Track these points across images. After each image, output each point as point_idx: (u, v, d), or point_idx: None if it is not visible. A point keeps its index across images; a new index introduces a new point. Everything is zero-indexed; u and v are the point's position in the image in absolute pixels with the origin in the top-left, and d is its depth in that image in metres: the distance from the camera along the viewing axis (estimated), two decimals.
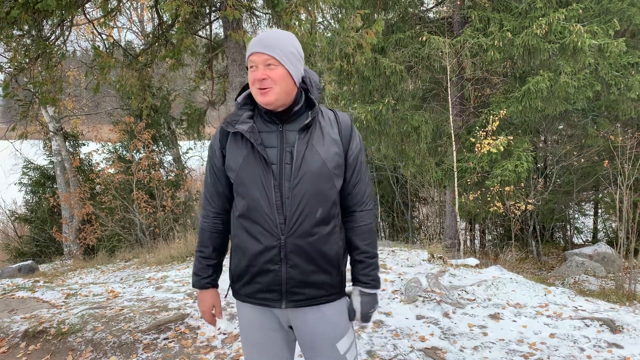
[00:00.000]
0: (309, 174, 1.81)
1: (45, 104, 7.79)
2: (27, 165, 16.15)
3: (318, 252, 1.86)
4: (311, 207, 1.82)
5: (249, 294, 1.94)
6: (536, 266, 11.92)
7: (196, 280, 2.07)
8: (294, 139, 1.83)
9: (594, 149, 11.96)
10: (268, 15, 8.12)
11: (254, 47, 1.80)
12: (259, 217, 1.83)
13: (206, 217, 2.01)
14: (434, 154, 11.97)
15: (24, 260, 12.79)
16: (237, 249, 1.92)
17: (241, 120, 1.85)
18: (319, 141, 1.85)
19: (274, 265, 1.85)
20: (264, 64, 1.78)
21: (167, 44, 8.03)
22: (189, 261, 8.34)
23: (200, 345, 3.84)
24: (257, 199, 1.82)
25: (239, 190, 1.87)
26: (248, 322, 2.00)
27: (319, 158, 1.83)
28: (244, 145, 1.85)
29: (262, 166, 1.81)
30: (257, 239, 1.85)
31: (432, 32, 11.27)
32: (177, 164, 15.22)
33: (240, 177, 1.84)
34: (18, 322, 4.41)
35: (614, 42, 9.38)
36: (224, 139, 1.91)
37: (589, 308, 4.53)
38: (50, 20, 7.06)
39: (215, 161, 1.94)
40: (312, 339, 1.96)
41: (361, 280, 1.98)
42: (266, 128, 1.85)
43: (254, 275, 1.89)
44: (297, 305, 1.91)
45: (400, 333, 3.95)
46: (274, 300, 1.90)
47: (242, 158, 1.84)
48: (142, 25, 17.96)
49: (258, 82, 1.78)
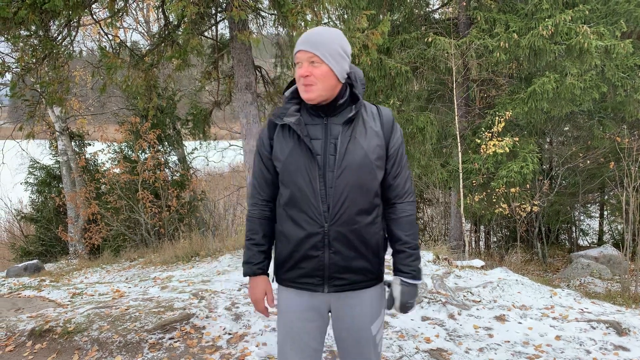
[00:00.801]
0: (351, 165, 1.90)
1: (52, 104, 7.83)
2: (33, 165, 16.21)
3: (359, 239, 1.95)
4: (353, 196, 1.91)
5: (292, 278, 2.01)
6: (541, 268, 11.88)
7: (248, 267, 2.10)
8: (338, 131, 1.92)
9: (600, 150, 11.92)
10: (274, 16, 8.13)
11: (300, 45, 1.89)
12: (303, 205, 1.92)
13: (255, 205, 2.09)
14: (439, 155, 11.95)
15: (30, 259, 12.85)
16: (281, 235, 2.01)
17: (289, 113, 1.95)
18: (362, 134, 1.93)
19: (317, 252, 1.94)
20: (308, 61, 1.87)
21: (173, 44, 8.05)
22: (194, 261, 8.36)
23: (206, 345, 3.84)
24: (302, 188, 1.91)
25: (284, 179, 1.96)
26: (287, 309, 2.06)
27: (362, 150, 1.91)
28: (290, 137, 1.93)
29: (307, 157, 1.90)
30: (301, 226, 1.94)
31: (437, 33, 11.26)
32: (182, 164, 15.23)
33: (286, 167, 1.93)
34: (24, 320, 4.43)
35: (621, 43, 9.35)
36: (272, 131, 1.99)
37: (595, 310, 4.52)
38: (57, 20, 7.10)
39: (264, 151, 2.02)
40: (349, 321, 2.04)
41: (402, 271, 2.04)
42: (312, 121, 1.94)
43: (297, 261, 1.98)
44: (338, 289, 1.99)
45: (405, 334, 3.95)
46: (316, 285, 1.99)
47: (289, 149, 1.92)
48: (148, 25, 18.01)
49: (302, 79, 1.88)
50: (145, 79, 8.22)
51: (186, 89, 17.23)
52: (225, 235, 11.91)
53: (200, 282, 5.63)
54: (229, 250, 8.40)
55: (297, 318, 2.04)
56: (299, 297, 2.03)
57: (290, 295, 2.04)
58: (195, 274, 6.51)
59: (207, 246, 9.10)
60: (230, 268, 6.76)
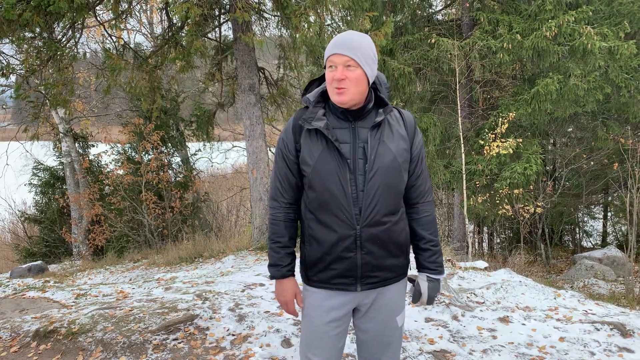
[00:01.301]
0: (382, 168, 1.95)
1: (56, 105, 7.86)
2: (37, 166, 16.26)
3: (389, 239, 2.01)
4: (384, 199, 1.97)
5: (324, 279, 2.05)
6: (545, 269, 11.86)
7: (276, 270, 2.10)
8: (366, 135, 1.95)
9: (604, 151, 11.90)
10: (277, 18, 8.15)
11: (335, 48, 1.90)
12: (334, 208, 1.95)
13: (279, 208, 2.10)
14: (442, 156, 11.95)
15: (34, 260, 12.89)
16: (311, 239, 2.03)
17: (317, 117, 1.95)
18: (389, 137, 1.98)
19: (350, 253, 1.98)
20: (344, 65, 1.89)
21: (177, 46, 8.07)
22: (197, 262, 8.37)
23: (210, 346, 3.85)
24: (334, 192, 1.94)
25: (314, 184, 1.97)
26: (316, 310, 2.09)
27: (391, 153, 1.97)
28: (319, 140, 1.95)
29: (337, 161, 1.93)
30: (332, 229, 1.97)
31: (440, 34, 11.26)
32: (185, 165, 15.26)
33: (317, 171, 1.95)
34: (29, 321, 4.45)
35: (625, 44, 9.34)
36: (297, 135, 2.01)
37: (599, 312, 4.51)
38: (61, 22, 7.12)
39: (289, 155, 2.03)
40: (376, 314, 2.12)
41: (429, 267, 2.15)
42: (339, 124, 1.97)
43: (329, 263, 2.01)
44: (370, 287, 2.06)
45: (409, 336, 3.95)
46: (349, 284, 2.04)
47: (318, 153, 1.94)
48: (152, 27, 18.06)
49: (336, 82, 1.89)
50: (149, 80, 8.24)
51: (189, 91, 17.26)
52: (229, 237, 11.93)
53: (203, 283, 5.64)
54: (232, 251, 8.41)
55: (325, 319, 2.08)
56: (329, 297, 2.07)
57: (320, 296, 2.08)
58: (199, 275, 6.52)
59: (211, 247, 9.11)
60: (234, 269, 6.77)
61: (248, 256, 7.85)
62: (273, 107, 10.08)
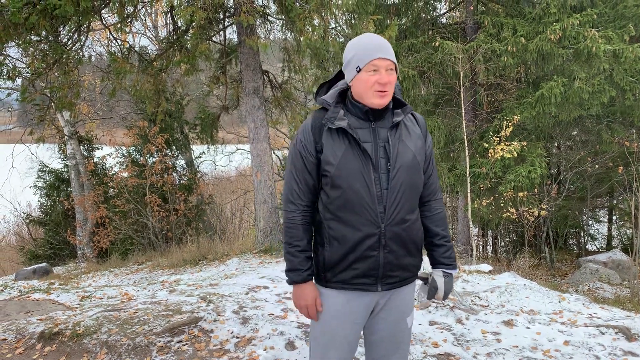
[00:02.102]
0: (403, 166, 1.99)
1: (62, 108, 7.91)
2: (42, 169, 16.33)
3: (409, 237, 2.05)
4: (406, 197, 2.01)
5: (344, 280, 2.04)
6: (549, 273, 11.82)
7: (296, 275, 2.07)
8: (386, 135, 2.00)
9: (609, 155, 11.86)
10: (282, 21, 8.17)
11: (379, 52, 1.94)
12: (359, 207, 1.96)
13: (297, 211, 2.06)
14: (446, 159, 11.93)
15: (39, 262, 12.94)
16: (332, 239, 2.02)
17: (338, 117, 1.98)
18: (407, 137, 2.04)
19: (373, 252, 1.99)
20: (386, 69, 1.95)
21: (181, 49, 8.11)
22: (201, 265, 8.38)
23: (214, 348, 3.85)
24: (358, 191, 1.95)
25: (338, 183, 1.96)
26: (335, 312, 2.08)
27: (410, 152, 2.02)
28: (341, 140, 1.97)
29: (361, 160, 1.95)
30: (357, 227, 1.97)
31: (445, 37, 11.27)
32: (189, 168, 15.31)
33: (341, 170, 1.95)
34: (34, 323, 4.46)
35: (629, 47, 9.31)
36: (318, 135, 2.01)
37: (604, 315, 4.49)
38: (67, 26, 7.17)
39: (309, 156, 2.01)
40: (388, 315, 2.13)
41: (444, 263, 2.19)
42: (359, 124, 2.00)
43: (351, 262, 2.00)
44: (390, 287, 2.08)
45: (413, 339, 3.94)
46: (369, 284, 2.04)
47: (342, 152, 1.96)
48: (157, 30, 18.13)
49: (381, 86, 1.93)
50: (154, 83, 8.28)
51: (194, 94, 17.32)
52: (233, 239, 11.95)
53: (208, 285, 5.65)
54: (236, 254, 8.42)
55: (346, 324, 2.08)
56: (349, 301, 2.06)
57: (339, 300, 2.07)
58: (203, 277, 6.53)
59: (215, 250, 9.13)
60: (238, 272, 6.78)
61: (252, 259, 7.86)
62: (277, 110, 10.11)
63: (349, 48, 2.03)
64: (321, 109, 2.07)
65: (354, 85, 2.00)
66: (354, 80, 1.99)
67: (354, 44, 2.02)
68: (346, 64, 2.03)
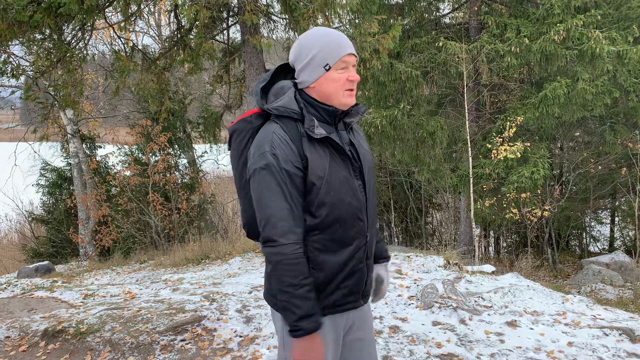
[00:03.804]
0: (370, 169, 1.89)
1: (65, 107, 7.92)
2: (44, 167, 16.35)
3: (375, 240, 1.98)
4: (374, 198, 1.93)
5: (333, 303, 1.82)
6: (552, 274, 11.81)
7: (311, 322, 1.69)
8: (347, 137, 1.85)
9: (612, 156, 11.85)
10: (285, 20, 8.17)
11: (347, 47, 1.77)
12: (351, 220, 1.78)
13: (297, 242, 1.70)
14: (449, 159, 11.93)
15: (41, 260, 12.94)
16: (321, 262, 1.77)
17: (316, 125, 1.74)
18: (360, 137, 1.94)
19: (360, 264, 1.84)
20: (353, 65, 1.79)
21: (185, 48, 8.11)
22: (204, 264, 8.38)
23: (217, 347, 3.86)
24: (350, 203, 1.77)
25: (326, 199, 1.73)
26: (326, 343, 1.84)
27: (369, 153, 1.92)
28: (322, 149, 1.74)
29: (345, 168, 1.79)
30: (347, 243, 1.78)
31: (448, 37, 11.26)
32: (192, 167, 15.31)
33: (330, 184, 1.73)
34: (37, 321, 4.47)
35: (633, 48, 9.31)
36: (300, 147, 1.72)
37: (607, 317, 4.48)
38: (71, 24, 7.18)
39: (299, 173, 1.71)
40: (367, 329, 2.00)
41: (385, 256, 2.11)
42: (328, 129, 1.80)
43: (340, 281, 1.80)
44: (367, 298, 1.97)
45: (416, 339, 3.94)
46: (355, 301, 1.88)
47: (328, 163, 1.74)
48: (160, 29, 18.15)
49: (351, 83, 1.78)
50: (158, 82, 8.29)
51: (197, 93, 17.33)
52: (235, 239, 11.94)
53: (211, 284, 5.65)
54: (239, 253, 8.43)
55: (333, 349, 1.87)
56: (334, 327, 1.85)
57: (326, 327, 1.81)
58: (206, 276, 6.54)
59: (217, 249, 9.13)
60: (241, 271, 6.78)
61: (254, 258, 7.86)
62: None
63: (308, 45, 1.77)
64: (282, 117, 1.76)
65: (319, 86, 1.77)
66: (320, 80, 1.76)
67: (314, 40, 1.77)
68: (307, 62, 1.76)
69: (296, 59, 1.80)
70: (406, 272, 5.83)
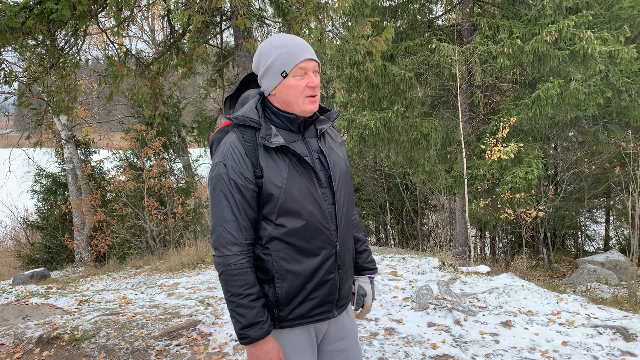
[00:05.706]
0: (341, 177, 1.85)
1: (59, 112, 7.90)
2: (39, 173, 16.31)
3: (352, 249, 1.94)
4: (349, 207, 1.88)
5: (302, 314, 1.81)
6: (547, 274, 11.84)
7: (256, 330, 1.72)
8: (317, 145, 1.83)
9: (605, 155, 11.91)
10: (278, 24, 8.18)
11: (306, 53, 1.75)
12: (314, 230, 1.76)
13: (241, 252, 1.73)
14: (443, 161, 11.95)
15: (36, 267, 12.89)
16: (285, 272, 1.76)
17: (273, 134, 1.74)
18: (334, 144, 1.90)
19: (331, 275, 1.82)
20: (313, 71, 1.77)
21: (178, 52, 8.11)
22: (199, 268, 8.37)
23: (212, 351, 3.86)
24: (312, 212, 1.76)
25: (289, 207, 1.73)
26: (296, 354, 1.83)
27: (342, 160, 1.89)
28: (281, 159, 1.74)
29: (307, 177, 1.77)
30: (313, 252, 1.77)
31: (441, 39, 11.29)
32: (187, 171, 15.31)
33: (289, 193, 1.73)
34: (32, 328, 4.46)
35: (625, 48, 9.36)
36: (254, 158, 1.73)
37: (601, 316, 4.50)
38: (64, 30, 7.16)
39: (249, 185, 1.72)
40: (350, 339, 1.97)
41: (369, 268, 2.07)
42: (291, 138, 1.79)
43: (309, 292, 1.79)
44: (343, 309, 1.93)
45: (411, 340, 3.95)
46: (327, 312, 1.86)
47: (286, 172, 1.73)
48: (153, 34, 18.14)
49: (311, 90, 1.75)
50: (151, 87, 8.27)
51: (191, 97, 17.32)
52: None
53: (206, 289, 5.65)
54: None
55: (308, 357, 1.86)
56: (303, 335, 1.84)
57: (298, 338, 1.83)
58: (201, 280, 6.53)
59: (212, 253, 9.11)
60: None
61: None
62: None
63: (266, 52, 1.77)
64: (242, 126, 1.77)
65: (279, 93, 1.76)
66: (279, 88, 1.75)
67: (271, 47, 1.76)
68: (265, 70, 1.76)
69: (257, 67, 1.81)
70: (401, 273, 5.84)
